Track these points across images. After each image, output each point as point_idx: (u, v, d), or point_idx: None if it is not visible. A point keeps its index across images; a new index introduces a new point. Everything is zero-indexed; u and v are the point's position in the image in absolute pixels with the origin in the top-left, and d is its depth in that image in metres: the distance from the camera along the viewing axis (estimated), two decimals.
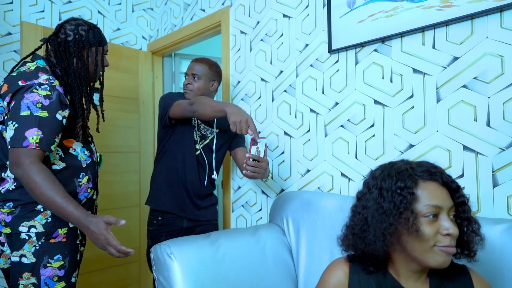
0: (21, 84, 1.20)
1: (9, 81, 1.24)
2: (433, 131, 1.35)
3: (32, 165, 1.14)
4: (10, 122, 1.18)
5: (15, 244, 1.24)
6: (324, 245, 1.49)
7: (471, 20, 1.25)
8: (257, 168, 1.45)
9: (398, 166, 0.90)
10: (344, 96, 1.64)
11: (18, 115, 1.17)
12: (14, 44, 2.38)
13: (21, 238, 1.23)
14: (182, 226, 1.84)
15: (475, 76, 1.24)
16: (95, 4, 2.78)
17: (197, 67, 1.86)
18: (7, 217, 1.24)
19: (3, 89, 1.23)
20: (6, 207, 1.25)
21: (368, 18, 1.53)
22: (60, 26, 1.36)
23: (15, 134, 1.16)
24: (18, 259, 1.23)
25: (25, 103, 1.18)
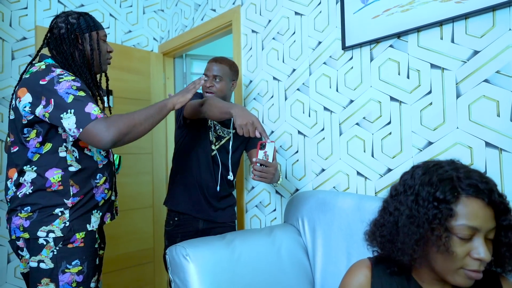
0: (43, 83, 1.18)
1: (26, 84, 1.21)
2: (453, 128, 1.31)
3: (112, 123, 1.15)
4: (64, 113, 1.14)
5: (33, 249, 1.23)
6: (341, 245, 1.46)
7: (492, 12, 1.21)
8: (264, 173, 1.39)
9: (443, 171, 0.81)
10: (359, 94, 1.61)
11: (66, 104, 1.15)
12: (29, 48, 2.41)
13: (39, 243, 1.22)
14: (198, 228, 1.82)
15: (498, 70, 1.20)
16: (107, 7, 2.80)
17: (218, 67, 1.80)
18: (25, 222, 1.23)
19: (21, 92, 1.21)
20: (24, 212, 1.24)
21: (383, 13, 1.50)
22: (53, 22, 1.34)
23: (77, 117, 1.14)
24: (36, 264, 1.23)
25: (62, 93, 1.16)
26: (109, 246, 1.89)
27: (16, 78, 2.35)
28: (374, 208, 1.36)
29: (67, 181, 1.27)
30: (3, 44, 2.33)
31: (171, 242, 1.75)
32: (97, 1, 2.74)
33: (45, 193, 1.24)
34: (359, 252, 1.39)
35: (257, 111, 2.14)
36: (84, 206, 1.30)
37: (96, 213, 1.34)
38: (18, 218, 1.24)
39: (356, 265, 0.96)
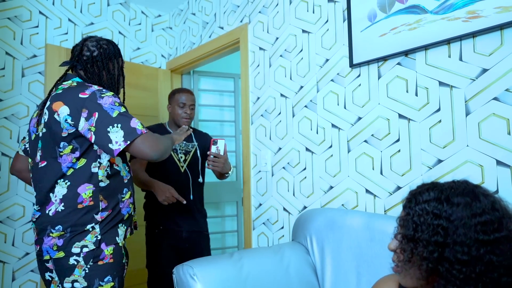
0: (84, 96, 1.22)
1: (62, 98, 1.23)
2: (463, 146, 1.30)
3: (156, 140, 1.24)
4: (111, 127, 1.18)
5: (64, 270, 1.23)
6: (350, 265, 1.43)
7: (500, 31, 1.21)
8: (215, 163, 1.89)
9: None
10: (367, 111, 1.60)
11: (112, 118, 1.19)
12: (38, 66, 2.45)
13: (70, 264, 1.22)
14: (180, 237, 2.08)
15: (507, 88, 1.19)
16: (116, 25, 2.85)
17: (192, 97, 2.14)
18: (58, 241, 1.23)
19: (56, 106, 1.23)
20: (55, 231, 1.23)
21: (390, 32, 1.51)
22: (82, 45, 1.38)
23: (125, 131, 1.19)
24: (70, 285, 1.23)
25: (107, 107, 1.21)
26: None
27: (26, 95, 2.38)
28: (384, 227, 1.35)
29: (98, 196, 1.28)
30: (14, 62, 2.37)
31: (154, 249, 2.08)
32: (106, 19, 2.79)
33: (77, 211, 1.25)
34: (369, 272, 1.37)
35: (264, 127, 2.15)
36: (112, 220, 1.32)
37: (122, 227, 1.36)
38: (50, 238, 1.24)
39: (382, 280, 0.94)
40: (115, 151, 1.19)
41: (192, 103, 2.10)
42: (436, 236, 0.76)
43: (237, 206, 3.40)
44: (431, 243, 0.76)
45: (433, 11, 1.37)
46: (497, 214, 0.76)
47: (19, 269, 2.30)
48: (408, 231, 0.80)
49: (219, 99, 3.40)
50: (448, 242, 0.75)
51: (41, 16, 2.49)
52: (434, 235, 0.76)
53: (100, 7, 2.78)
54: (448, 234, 0.75)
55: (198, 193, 2.16)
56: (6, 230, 2.28)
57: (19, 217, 2.32)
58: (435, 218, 0.77)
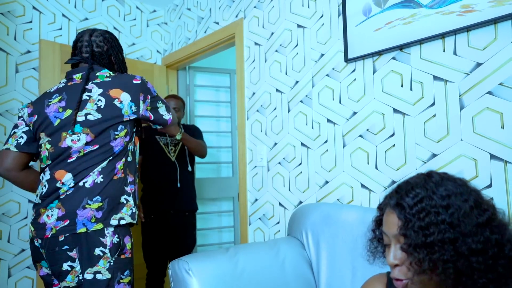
0: (137, 82, 1.38)
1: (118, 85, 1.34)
2: (457, 140, 1.30)
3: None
4: (158, 103, 1.46)
5: (89, 260, 1.22)
6: (346, 259, 1.44)
7: (494, 25, 1.21)
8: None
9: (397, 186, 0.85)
10: (362, 106, 1.61)
11: (157, 97, 1.46)
12: (32, 61, 2.43)
13: (96, 255, 1.23)
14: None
15: (501, 82, 1.20)
16: (111, 21, 2.83)
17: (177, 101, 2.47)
18: (97, 213, 1.25)
19: (117, 93, 1.33)
20: (93, 202, 1.25)
21: (385, 26, 1.51)
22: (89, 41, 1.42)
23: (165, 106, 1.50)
24: (92, 276, 1.22)
25: (152, 90, 1.45)
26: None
27: (20, 91, 2.37)
28: None
29: (126, 169, 1.36)
30: (8, 58, 2.35)
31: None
32: (101, 15, 2.77)
33: (113, 182, 1.30)
34: (364, 266, 1.37)
35: (260, 123, 2.15)
36: (135, 194, 1.40)
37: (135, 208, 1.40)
38: (88, 210, 1.24)
39: (371, 281, 0.93)
40: (168, 120, 1.48)
41: (177, 107, 2.44)
42: (447, 233, 0.71)
43: (233, 202, 3.40)
44: (446, 242, 0.71)
45: (427, 5, 1.37)
46: (474, 193, 0.76)
47: (15, 266, 2.30)
48: (417, 238, 0.73)
49: (215, 95, 3.39)
50: (457, 236, 0.71)
51: (34, 11, 2.47)
52: (446, 233, 0.71)
53: (95, 2, 2.75)
54: (455, 227, 0.72)
55: (186, 180, 2.47)
56: (2, 227, 2.27)
57: (14, 214, 2.31)
58: (437, 215, 0.73)
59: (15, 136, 1.39)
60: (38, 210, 1.30)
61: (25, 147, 1.37)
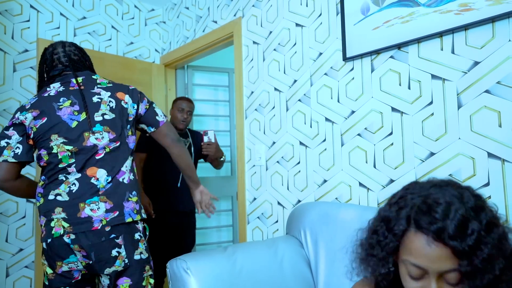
0: (132, 88, 1.53)
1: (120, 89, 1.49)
2: (455, 138, 1.30)
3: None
4: (154, 104, 1.57)
5: (133, 244, 1.41)
6: (344, 258, 1.44)
7: (492, 24, 1.22)
8: (209, 149, 2.33)
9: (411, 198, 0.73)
10: (361, 104, 1.61)
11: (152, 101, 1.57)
12: (30, 60, 2.43)
13: (135, 239, 1.42)
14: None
15: (498, 81, 1.20)
16: (109, 19, 2.82)
17: (191, 105, 2.53)
18: (136, 205, 1.43)
19: (121, 95, 1.48)
20: (133, 196, 1.43)
21: (383, 25, 1.51)
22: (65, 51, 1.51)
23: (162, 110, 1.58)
24: (139, 256, 1.42)
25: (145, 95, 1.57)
26: None
27: (17, 90, 2.36)
28: None
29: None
30: (5, 57, 2.34)
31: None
32: (99, 14, 2.77)
33: (137, 179, 1.50)
34: None
35: (258, 122, 2.15)
36: None
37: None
38: (130, 203, 1.41)
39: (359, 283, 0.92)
40: (160, 122, 1.53)
41: (189, 110, 2.49)
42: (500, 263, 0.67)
43: (232, 201, 3.40)
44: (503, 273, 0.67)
45: (425, 4, 1.37)
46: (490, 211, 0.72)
47: (13, 265, 2.29)
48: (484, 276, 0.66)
49: (213, 94, 3.39)
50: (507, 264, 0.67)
51: (32, 10, 2.47)
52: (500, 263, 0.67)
53: (93, 1, 2.75)
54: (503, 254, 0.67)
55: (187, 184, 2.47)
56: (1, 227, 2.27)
57: (12, 213, 2.31)
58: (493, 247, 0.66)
59: (10, 147, 1.39)
60: (72, 207, 1.35)
61: (24, 156, 1.40)
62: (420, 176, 1.40)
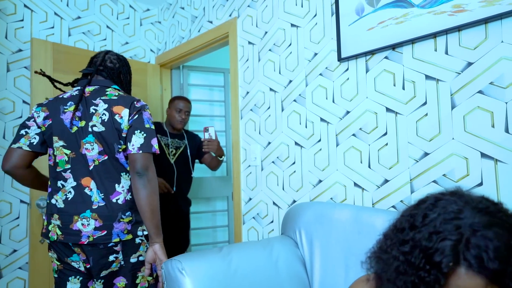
0: (138, 105, 1.46)
1: (122, 104, 1.44)
2: (449, 139, 1.31)
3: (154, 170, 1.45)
4: (138, 131, 1.41)
5: (132, 248, 1.45)
6: (339, 257, 1.45)
7: (484, 25, 1.23)
8: (210, 146, 2.18)
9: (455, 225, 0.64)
10: (355, 105, 1.61)
11: (143, 127, 1.43)
12: (24, 60, 2.41)
13: (136, 243, 1.46)
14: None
15: (491, 81, 1.21)
16: (104, 19, 2.81)
17: (189, 105, 2.49)
18: (128, 225, 1.44)
19: (119, 109, 1.43)
20: (126, 217, 1.43)
21: (377, 26, 1.51)
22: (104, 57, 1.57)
23: (145, 142, 1.41)
24: (136, 259, 1.46)
25: (145, 118, 1.45)
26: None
27: (11, 90, 2.35)
28: (371, 219, 1.37)
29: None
30: None
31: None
32: (93, 13, 2.76)
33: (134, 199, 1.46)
34: (357, 264, 1.38)
35: (253, 122, 2.15)
36: None
37: None
38: (122, 224, 1.42)
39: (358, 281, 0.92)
40: (127, 151, 1.41)
41: (187, 110, 2.46)
42: None
43: (227, 201, 3.40)
44: None
45: (419, 5, 1.38)
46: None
47: (7, 267, 2.28)
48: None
49: (209, 94, 3.38)
50: None
51: (26, 10, 2.45)
52: None
53: (87, 1, 2.73)
54: None
55: (182, 185, 2.47)
56: None
57: (6, 214, 2.29)
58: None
59: (28, 137, 1.46)
60: (67, 216, 1.40)
61: (38, 147, 1.47)
62: (414, 176, 1.40)
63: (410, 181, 1.42)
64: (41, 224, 2.23)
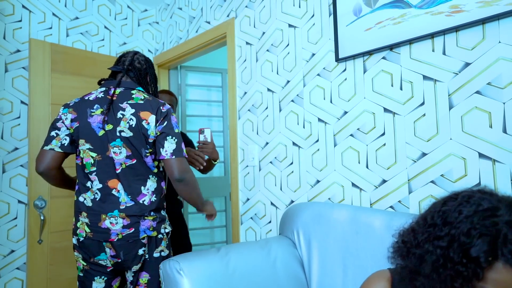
0: (164, 110, 1.48)
1: (148, 109, 1.46)
2: (447, 139, 1.31)
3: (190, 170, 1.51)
4: (169, 137, 1.46)
5: (156, 243, 1.52)
6: (337, 258, 1.45)
7: (482, 25, 1.23)
8: (205, 149, 1.95)
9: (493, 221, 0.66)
10: (353, 105, 1.61)
11: (174, 132, 1.48)
12: (22, 61, 2.40)
13: (159, 238, 1.52)
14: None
15: (489, 82, 1.21)
16: (102, 20, 2.81)
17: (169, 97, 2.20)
18: (153, 223, 1.50)
19: (146, 115, 1.45)
20: (151, 215, 1.49)
21: (375, 26, 1.51)
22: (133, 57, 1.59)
23: (177, 147, 1.46)
24: (159, 254, 1.53)
25: (174, 123, 1.49)
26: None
27: (9, 90, 2.34)
28: (369, 220, 1.37)
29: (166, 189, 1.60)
30: None
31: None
32: (91, 14, 2.75)
33: (161, 200, 1.55)
34: (354, 264, 1.38)
35: (251, 122, 2.15)
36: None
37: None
38: (147, 221, 1.48)
39: (374, 277, 0.89)
40: (161, 156, 1.45)
41: (168, 102, 2.18)
42: None
43: (225, 201, 3.40)
44: None
45: (417, 5, 1.38)
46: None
47: (4, 267, 2.27)
48: None
49: (206, 94, 3.38)
50: None
51: (24, 10, 2.44)
52: None
53: (85, 1, 2.73)
54: None
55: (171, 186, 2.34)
56: None
57: (3, 215, 2.29)
58: None
59: (58, 138, 1.50)
60: (96, 215, 1.46)
61: (69, 148, 1.51)
62: (412, 176, 1.41)
63: (408, 181, 1.42)
64: (39, 224, 2.23)
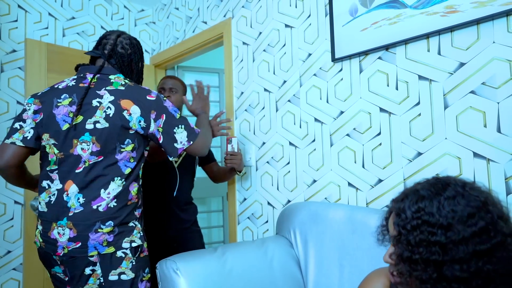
0: (151, 99, 1.30)
1: (130, 97, 1.26)
2: (442, 138, 1.32)
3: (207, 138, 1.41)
4: (176, 128, 1.30)
5: (111, 263, 1.23)
6: (333, 257, 1.45)
7: (476, 25, 1.24)
8: (233, 160, 1.88)
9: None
10: (349, 105, 1.62)
11: (176, 119, 1.31)
12: (18, 61, 2.40)
13: (118, 257, 1.24)
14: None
15: (483, 82, 1.22)
16: (98, 20, 2.80)
17: (173, 81, 1.98)
18: (108, 236, 1.23)
19: (126, 104, 1.25)
20: (106, 227, 1.22)
21: (371, 26, 1.52)
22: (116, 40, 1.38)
23: (188, 131, 1.33)
24: (117, 277, 1.24)
25: (171, 110, 1.32)
26: None
27: (5, 91, 2.33)
28: (365, 219, 1.38)
29: (138, 193, 1.34)
30: None
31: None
32: (88, 14, 2.75)
33: (126, 207, 1.28)
34: (351, 263, 1.39)
35: (248, 122, 2.15)
36: (142, 217, 1.38)
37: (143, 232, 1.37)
38: (100, 234, 1.22)
39: (374, 274, 0.91)
40: (179, 150, 1.31)
41: (171, 87, 1.95)
42: (435, 255, 0.70)
43: (222, 201, 3.40)
44: (430, 264, 0.70)
45: (412, 5, 1.39)
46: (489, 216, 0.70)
47: (1, 268, 2.26)
48: (404, 252, 0.74)
49: None
50: (445, 260, 0.69)
51: (20, 10, 2.44)
52: (433, 255, 0.70)
53: (82, 1, 2.73)
54: (446, 251, 0.70)
55: (185, 192, 2.06)
56: None
57: (0, 215, 2.28)
58: (432, 235, 0.71)
59: (22, 131, 1.29)
60: (47, 222, 1.25)
61: (32, 142, 1.30)
62: (407, 176, 1.41)
63: (403, 180, 1.43)
64: (35, 225, 2.22)
